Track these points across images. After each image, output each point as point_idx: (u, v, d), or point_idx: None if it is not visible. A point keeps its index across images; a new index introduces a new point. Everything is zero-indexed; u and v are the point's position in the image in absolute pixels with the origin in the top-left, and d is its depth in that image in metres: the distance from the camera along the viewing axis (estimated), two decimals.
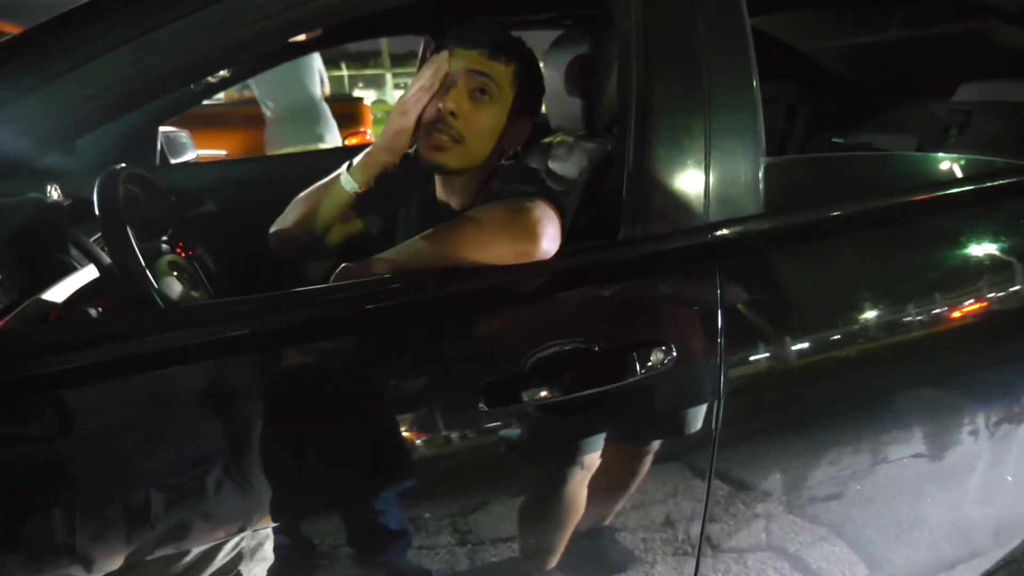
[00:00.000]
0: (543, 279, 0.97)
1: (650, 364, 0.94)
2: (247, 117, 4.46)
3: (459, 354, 0.93)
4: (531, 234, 0.95)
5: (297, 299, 0.94)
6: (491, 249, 0.95)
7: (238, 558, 0.88)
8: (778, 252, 1.04)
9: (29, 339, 0.89)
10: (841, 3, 1.98)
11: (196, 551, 0.85)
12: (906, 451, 1.13)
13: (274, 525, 0.88)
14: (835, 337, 1.04)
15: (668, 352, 0.95)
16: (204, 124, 3.32)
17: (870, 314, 1.05)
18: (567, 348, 0.93)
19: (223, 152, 3.48)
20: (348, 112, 4.52)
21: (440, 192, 1.25)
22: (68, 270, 1.41)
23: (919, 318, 1.07)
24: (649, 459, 1.01)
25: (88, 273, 1.36)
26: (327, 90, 3.57)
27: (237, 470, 0.86)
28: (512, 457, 0.93)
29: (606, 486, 1.00)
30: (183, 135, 2.42)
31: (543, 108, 1.52)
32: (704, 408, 0.99)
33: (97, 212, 1.12)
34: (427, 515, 0.95)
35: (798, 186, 1.10)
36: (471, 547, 0.97)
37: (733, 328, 0.98)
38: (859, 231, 1.08)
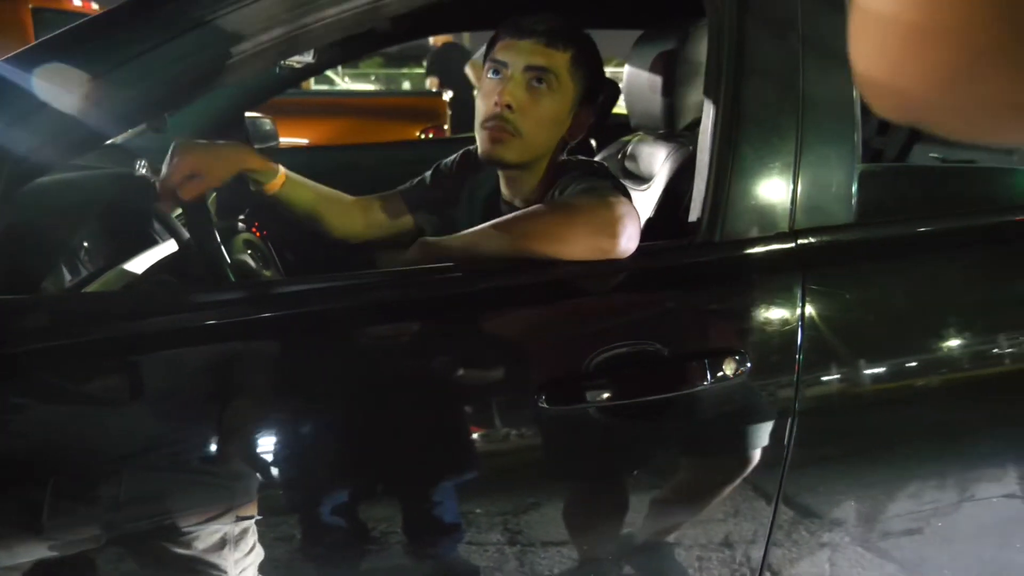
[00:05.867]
0: (617, 276, 0.94)
1: (721, 373, 0.89)
2: (328, 106, 4.63)
3: (522, 348, 0.91)
4: (613, 231, 0.91)
5: (361, 282, 0.93)
6: (570, 242, 0.91)
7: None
8: (868, 265, 0.97)
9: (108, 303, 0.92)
10: None
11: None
12: (996, 490, 1.04)
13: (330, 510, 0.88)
14: (924, 362, 0.97)
15: (742, 362, 0.90)
16: (287, 113, 3.40)
17: (965, 340, 0.97)
18: (635, 350, 0.89)
19: (305, 140, 3.59)
20: (428, 107, 4.63)
21: (505, 190, 1.22)
22: (150, 243, 1.46)
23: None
24: (713, 474, 0.96)
25: (168, 247, 1.40)
26: None
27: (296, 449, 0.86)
28: (569, 459, 0.90)
29: (664, 498, 0.96)
30: (267, 122, 2.49)
31: (624, 106, 1.48)
32: (776, 425, 0.93)
33: None
34: (479, 511, 0.92)
35: (895, 197, 1.03)
36: (520, 548, 0.94)
37: (813, 343, 0.92)
38: (960, 249, 1.00)
